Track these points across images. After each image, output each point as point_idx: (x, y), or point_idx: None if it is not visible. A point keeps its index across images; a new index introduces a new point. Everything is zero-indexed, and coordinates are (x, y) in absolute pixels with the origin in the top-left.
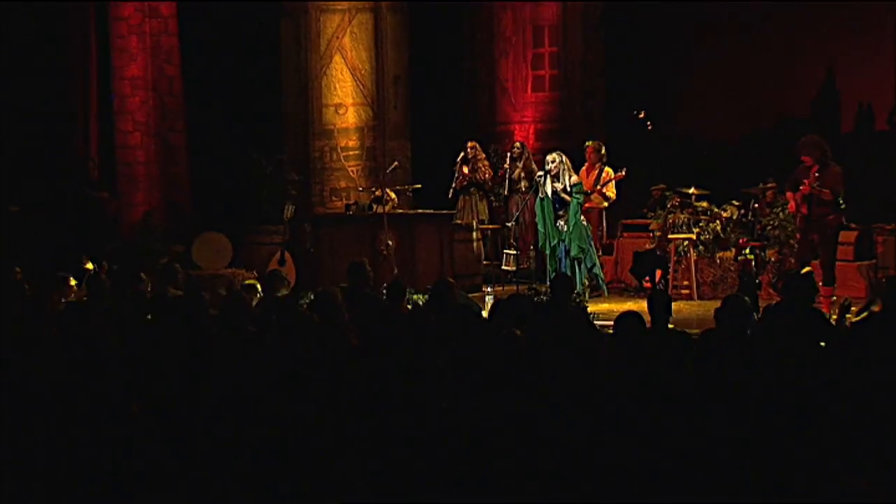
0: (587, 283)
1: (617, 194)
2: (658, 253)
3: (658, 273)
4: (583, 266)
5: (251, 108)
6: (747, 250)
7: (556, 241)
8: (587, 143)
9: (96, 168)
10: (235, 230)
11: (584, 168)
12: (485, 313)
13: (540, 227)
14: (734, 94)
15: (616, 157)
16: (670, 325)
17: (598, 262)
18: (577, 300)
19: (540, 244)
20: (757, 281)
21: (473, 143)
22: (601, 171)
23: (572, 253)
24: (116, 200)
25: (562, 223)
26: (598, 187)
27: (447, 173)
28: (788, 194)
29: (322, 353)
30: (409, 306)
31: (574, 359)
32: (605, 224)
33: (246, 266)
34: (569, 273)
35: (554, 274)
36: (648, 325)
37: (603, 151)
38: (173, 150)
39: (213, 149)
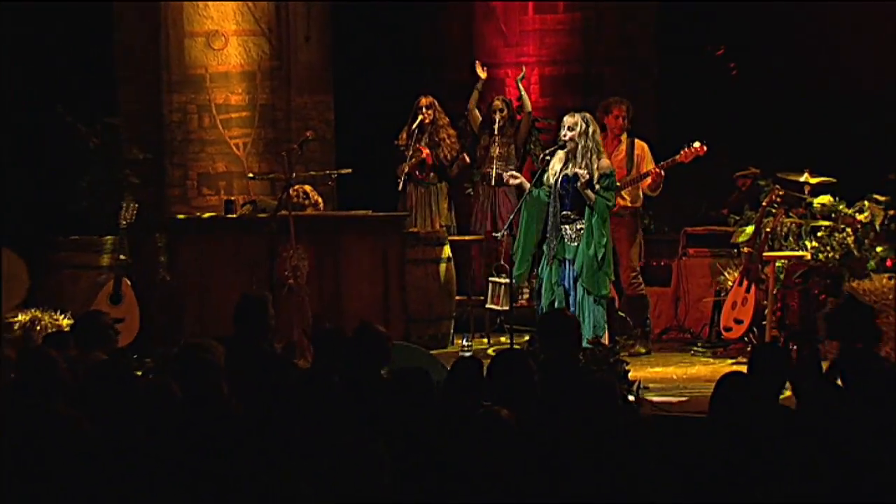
0: (621, 330)
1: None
2: (745, 282)
3: (746, 314)
4: (604, 302)
5: (63, 40)
6: None
7: (547, 267)
8: (612, 103)
9: None
10: (34, 245)
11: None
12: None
13: (519, 238)
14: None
15: (674, 125)
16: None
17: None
18: (612, 357)
19: (516, 270)
20: None
21: (430, 100)
22: (631, 148)
23: (600, 290)
24: None
25: (569, 231)
26: (631, 176)
27: (393, 150)
28: None
29: (184, 452)
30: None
31: (606, 466)
32: (641, 236)
33: (54, 304)
34: (582, 316)
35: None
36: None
37: (630, 116)
38: None
39: None
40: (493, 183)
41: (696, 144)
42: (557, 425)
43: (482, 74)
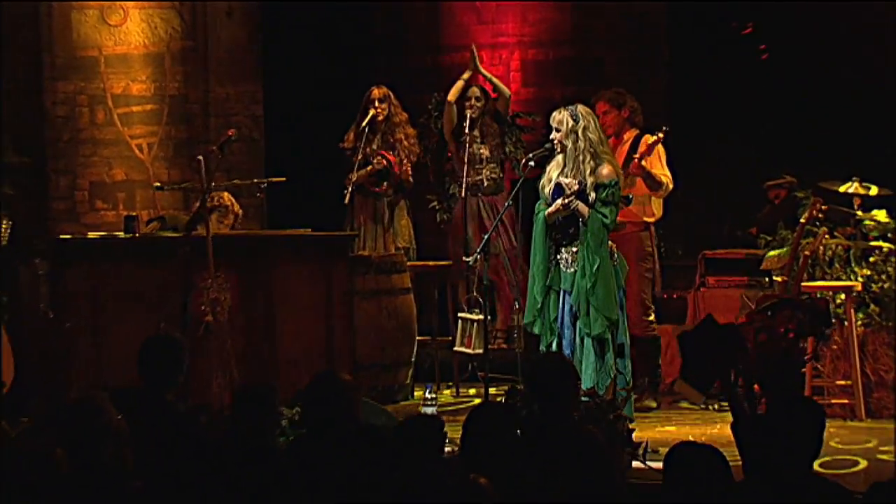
0: (626, 379)
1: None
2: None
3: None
4: (608, 349)
5: None
6: None
7: (539, 299)
8: (596, 99)
9: None
10: None
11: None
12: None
13: (534, 266)
14: None
15: (688, 120)
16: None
17: (627, 338)
18: (613, 413)
19: (527, 316)
20: None
21: (384, 91)
22: (636, 144)
23: (593, 329)
24: None
25: (565, 255)
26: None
27: (338, 153)
28: None
29: None
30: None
31: None
32: (656, 261)
33: None
34: (580, 361)
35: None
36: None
37: (637, 111)
38: None
39: None
40: (481, 192)
41: (660, 134)
42: (544, 497)
43: (475, 63)
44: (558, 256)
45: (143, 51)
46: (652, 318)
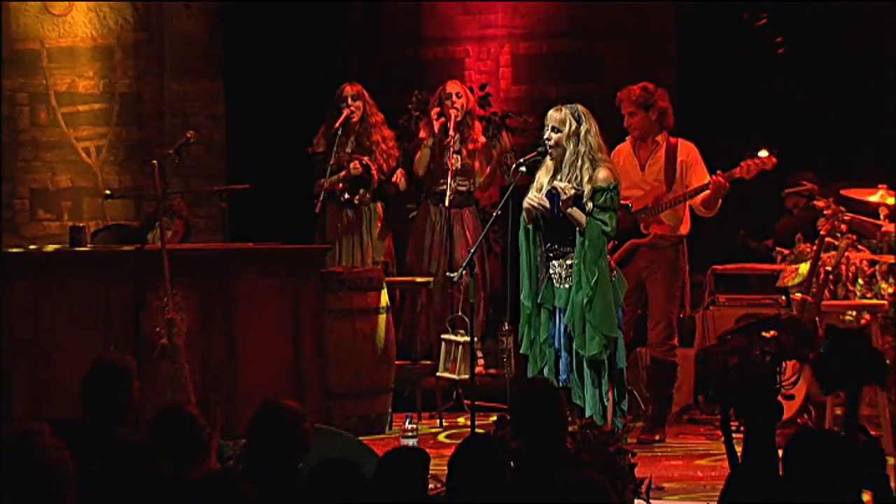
0: (621, 409)
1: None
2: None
3: (800, 387)
4: (605, 370)
5: None
6: None
7: (533, 318)
8: (621, 99)
9: None
10: None
11: (622, 148)
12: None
13: (525, 282)
14: None
15: (697, 120)
16: None
17: (625, 362)
18: (614, 445)
19: (521, 330)
20: None
21: (357, 89)
22: (674, 152)
23: (588, 349)
24: None
25: (558, 269)
26: (674, 193)
27: (307, 158)
28: None
29: None
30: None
31: None
32: (686, 277)
33: None
34: (579, 386)
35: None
36: None
37: (667, 113)
38: None
39: None
40: (446, 203)
41: (763, 154)
42: None
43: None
44: (550, 272)
45: (90, 43)
46: (676, 341)
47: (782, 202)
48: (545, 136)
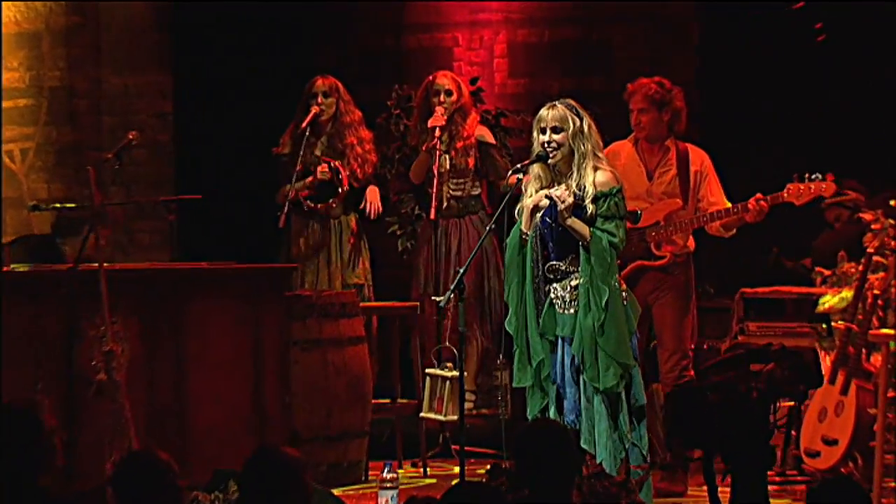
0: (642, 454)
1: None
2: (840, 378)
3: (843, 430)
4: (622, 407)
5: None
6: None
7: (542, 350)
8: (631, 94)
9: None
10: None
11: (621, 149)
12: None
13: (511, 308)
14: None
15: (723, 119)
16: None
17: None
18: (627, 495)
19: (516, 374)
20: None
21: (330, 83)
22: (685, 159)
23: (602, 382)
24: None
25: (560, 292)
26: (701, 214)
27: (271, 162)
28: None
29: None
30: None
31: None
32: (695, 300)
33: None
34: (589, 428)
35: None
36: None
37: (680, 115)
38: None
39: None
40: (432, 215)
41: (819, 179)
42: None
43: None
44: (551, 295)
45: (14, 29)
46: (692, 373)
47: (822, 214)
48: (544, 140)
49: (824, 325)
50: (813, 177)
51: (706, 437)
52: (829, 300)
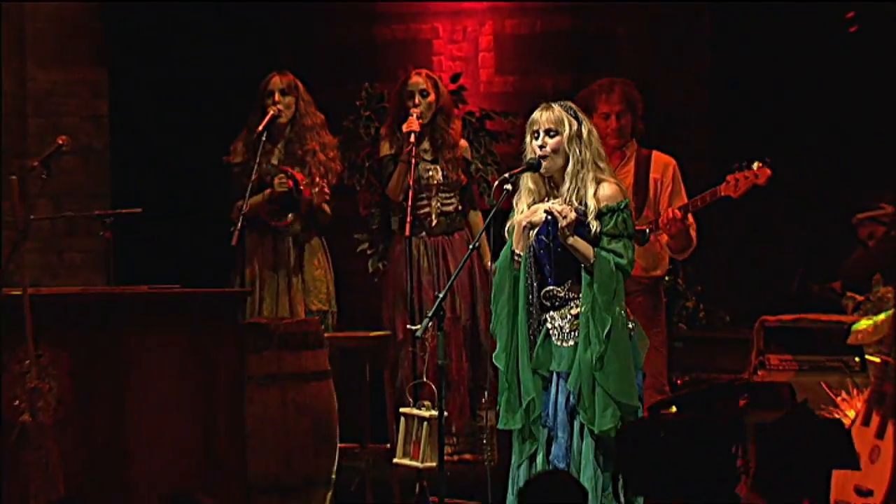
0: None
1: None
2: (875, 418)
3: (880, 478)
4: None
5: None
6: None
7: (534, 388)
8: (595, 92)
9: None
10: None
11: None
12: None
13: (500, 341)
14: None
15: (738, 122)
16: None
17: None
18: None
19: (503, 405)
20: None
21: (289, 80)
22: (645, 166)
23: (598, 423)
24: None
25: (558, 322)
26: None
27: (222, 172)
28: None
29: None
30: None
31: None
32: (664, 329)
33: None
34: (582, 473)
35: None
36: None
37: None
38: None
39: None
40: (406, 231)
41: (754, 165)
42: None
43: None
44: (547, 325)
45: None
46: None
47: (854, 231)
48: (537, 144)
49: (857, 359)
50: (748, 165)
51: (655, 484)
52: (863, 329)
